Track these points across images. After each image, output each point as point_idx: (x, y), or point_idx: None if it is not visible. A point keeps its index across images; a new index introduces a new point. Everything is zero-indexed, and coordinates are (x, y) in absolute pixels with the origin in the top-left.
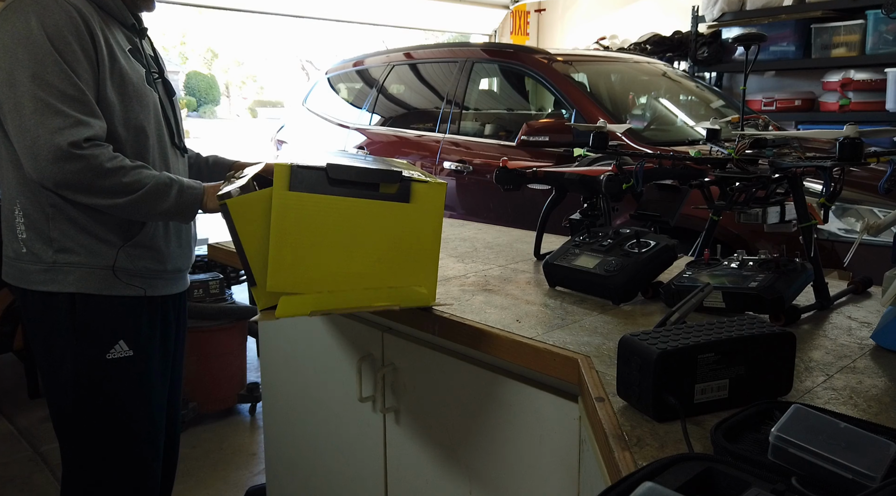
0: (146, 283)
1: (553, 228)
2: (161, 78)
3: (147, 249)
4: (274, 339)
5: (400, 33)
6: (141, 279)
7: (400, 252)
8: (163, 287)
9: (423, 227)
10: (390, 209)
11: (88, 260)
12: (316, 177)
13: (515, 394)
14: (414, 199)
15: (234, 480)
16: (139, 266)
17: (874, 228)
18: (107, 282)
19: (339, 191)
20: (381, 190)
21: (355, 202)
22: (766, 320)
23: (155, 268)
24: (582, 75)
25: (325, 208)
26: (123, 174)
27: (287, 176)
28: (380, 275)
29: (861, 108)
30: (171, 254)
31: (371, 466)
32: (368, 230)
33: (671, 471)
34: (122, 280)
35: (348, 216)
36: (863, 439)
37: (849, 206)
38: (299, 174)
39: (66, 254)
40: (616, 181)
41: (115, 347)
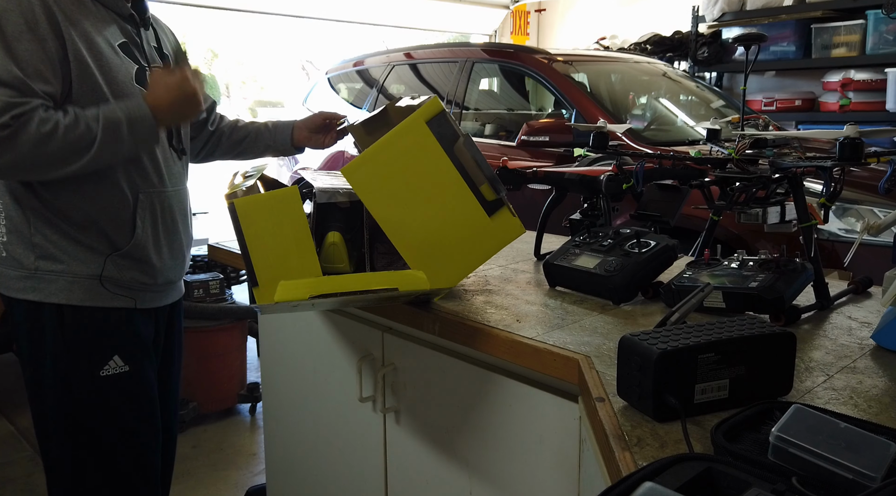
0: (135, 295)
1: (553, 228)
2: None
3: (136, 261)
4: (274, 339)
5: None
6: (129, 291)
7: (445, 244)
8: (153, 299)
9: (480, 244)
10: (472, 208)
11: (73, 268)
12: (451, 133)
13: (515, 394)
14: (494, 219)
15: (235, 480)
16: (127, 277)
17: (874, 228)
18: (94, 293)
19: (454, 158)
20: (482, 189)
21: (457, 178)
22: (766, 320)
23: (144, 280)
24: (582, 75)
25: (432, 158)
26: (65, 132)
27: (434, 112)
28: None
29: (861, 108)
30: (162, 267)
31: (371, 466)
32: (443, 207)
33: (671, 471)
34: (109, 290)
35: (441, 183)
36: (863, 439)
37: (849, 206)
38: (443, 119)
39: (50, 261)
40: (616, 181)
41: (110, 363)
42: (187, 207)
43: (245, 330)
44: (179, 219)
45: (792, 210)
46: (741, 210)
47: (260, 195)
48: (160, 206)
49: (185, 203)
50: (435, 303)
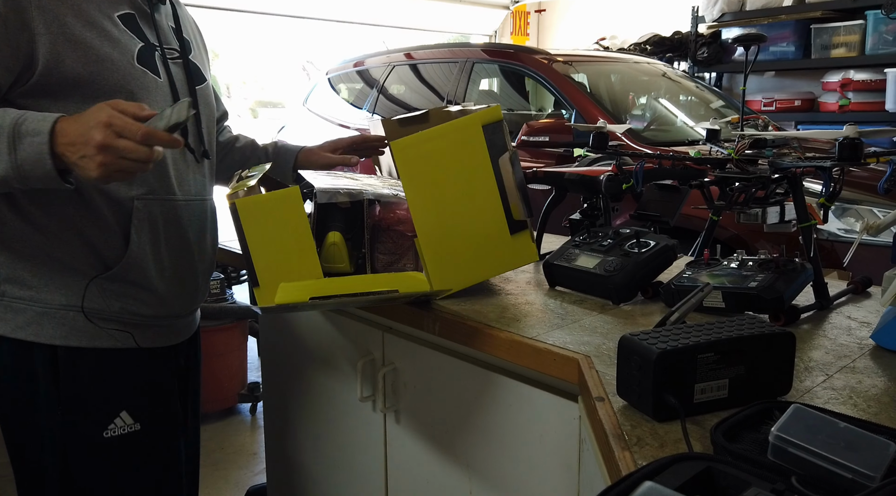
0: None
1: (553, 228)
2: (182, 58)
3: (129, 285)
4: (274, 339)
5: (400, 34)
6: (121, 325)
7: (463, 248)
8: (155, 337)
9: (496, 259)
10: (498, 222)
11: (44, 295)
12: (500, 144)
13: (515, 393)
14: (515, 239)
15: (235, 480)
16: (115, 307)
17: (874, 228)
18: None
19: (496, 168)
20: (512, 205)
21: (492, 187)
22: (765, 320)
23: (140, 311)
24: (582, 75)
25: (477, 161)
26: None
27: (492, 119)
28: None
29: (861, 108)
30: (165, 296)
31: (371, 466)
32: (472, 211)
33: (671, 470)
34: (98, 325)
35: (477, 189)
36: (862, 439)
37: (848, 206)
38: (497, 129)
39: (16, 285)
40: (616, 181)
41: (116, 421)
42: (206, 224)
43: (245, 330)
44: (193, 236)
45: (791, 210)
46: (741, 210)
47: (261, 195)
48: (164, 218)
49: (204, 218)
50: (435, 303)
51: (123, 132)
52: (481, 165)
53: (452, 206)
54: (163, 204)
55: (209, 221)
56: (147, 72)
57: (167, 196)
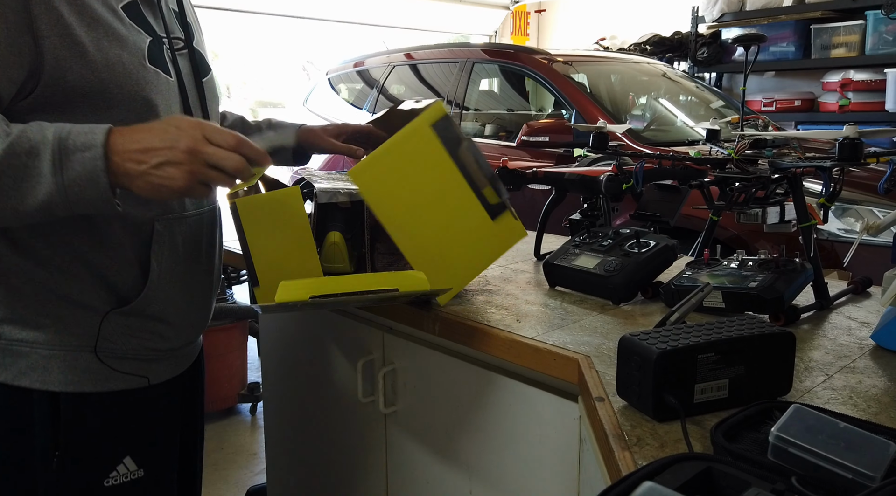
0: (148, 369)
1: (553, 228)
2: (188, 47)
3: (148, 320)
4: (274, 339)
5: (400, 34)
6: (139, 364)
7: (449, 247)
8: (169, 369)
9: (485, 247)
10: (476, 211)
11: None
12: (455, 137)
13: (515, 393)
14: (497, 223)
15: (235, 480)
16: (133, 344)
17: (874, 228)
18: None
19: (458, 161)
20: (484, 192)
21: (461, 181)
22: (765, 320)
23: (158, 346)
24: (582, 76)
25: (437, 162)
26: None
27: (438, 117)
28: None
29: (861, 108)
30: (183, 324)
31: (372, 466)
32: (447, 210)
33: (671, 470)
34: (110, 367)
35: (445, 185)
36: (862, 439)
37: (849, 206)
38: (447, 123)
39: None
40: (616, 181)
41: (119, 468)
42: (216, 234)
43: (245, 330)
44: (206, 251)
45: (791, 210)
46: (741, 210)
47: (262, 195)
48: (182, 238)
49: (215, 228)
50: (435, 303)
51: (214, 137)
52: (442, 164)
53: (427, 214)
54: (181, 223)
55: (218, 230)
56: (160, 72)
57: (182, 212)
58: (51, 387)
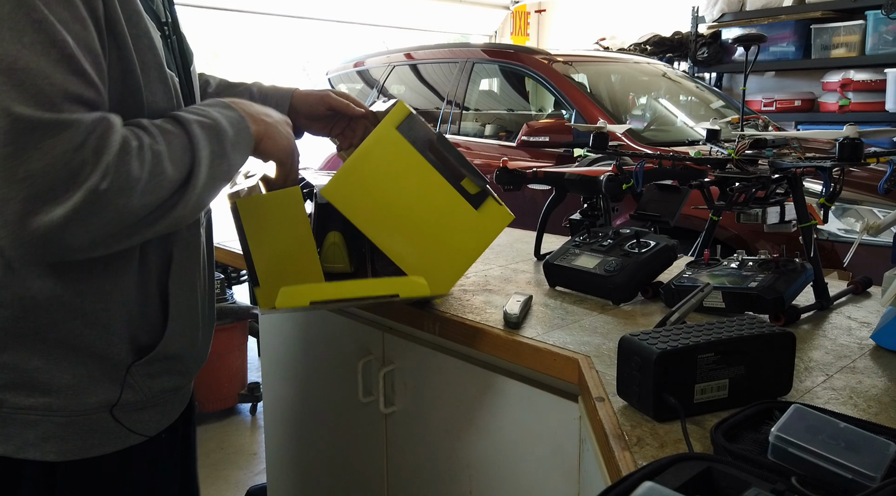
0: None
1: (553, 228)
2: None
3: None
4: (274, 339)
5: (400, 34)
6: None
7: (440, 243)
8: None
9: (473, 238)
10: (459, 204)
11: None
12: (423, 135)
13: (515, 393)
14: (482, 211)
15: (235, 480)
16: (155, 388)
17: (874, 228)
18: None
19: (432, 159)
20: (463, 183)
21: (437, 177)
22: (766, 320)
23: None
24: (582, 76)
25: (410, 163)
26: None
27: (402, 117)
28: (409, 249)
29: (861, 108)
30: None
31: (372, 466)
32: (429, 207)
33: (671, 470)
34: (124, 425)
35: (422, 184)
36: (863, 439)
37: (849, 206)
38: (413, 122)
39: (24, 392)
40: (616, 181)
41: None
42: (211, 239)
43: (245, 330)
44: (207, 261)
45: (791, 210)
46: (741, 210)
47: (262, 195)
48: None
49: (210, 233)
50: (434, 303)
51: None
52: (415, 165)
53: (409, 216)
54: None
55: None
56: (174, 75)
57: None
58: (49, 457)
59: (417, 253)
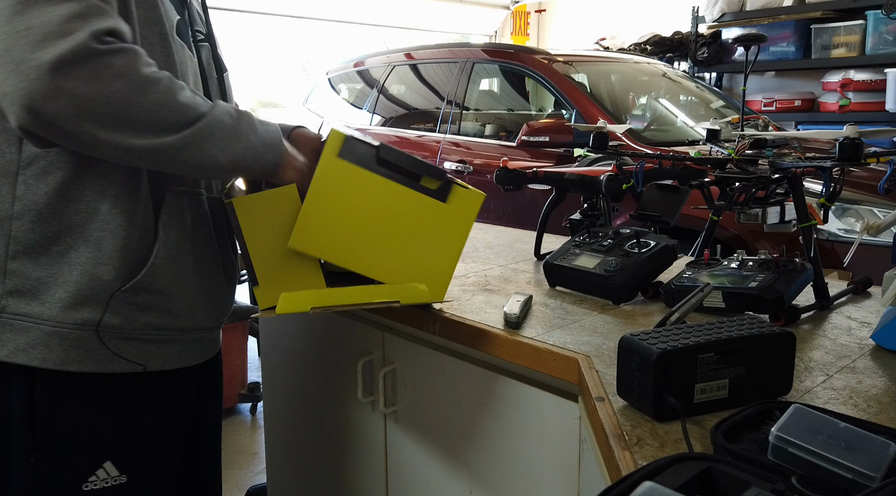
0: (146, 353)
1: (553, 228)
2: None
3: (152, 295)
4: (274, 339)
5: (400, 34)
6: (140, 345)
7: (421, 247)
8: (172, 358)
9: (451, 230)
10: (425, 203)
11: (58, 312)
12: (366, 152)
13: (515, 393)
14: (450, 201)
15: (235, 480)
16: (140, 322)
17: (874, 228)
18: (84, 352)
19: (384, 172)
20: (423, 183)
21: (395, 187)
22: (766, 320)
23: (161, 324)
24: (582, 76)
25: (364, 184)
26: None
27: (340, 143)
28: (394, 265)
29: (861, 108)
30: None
31: (371, 466)
32: (398, 218)
33: (671, 470)
34: (109, 348)
35: (384, 199)
36: (863, 439)
37: (849, 206)
38: (352, 145)
39: (24, 299)
40: (616, 181)
41: (98, 472)
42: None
43: (245, 329)
44: (218, 239)
45: (791, 210)
46: (741, 210)
47: (258, 194)
48: (192, 216)
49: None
50: (435, 301)
51: None
52: (369, 182)
53: (384, 236)
54: (193, 199)
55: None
56: (185, 46)
57: (196, 189)
58: (35, 362)
59: (404, 266)
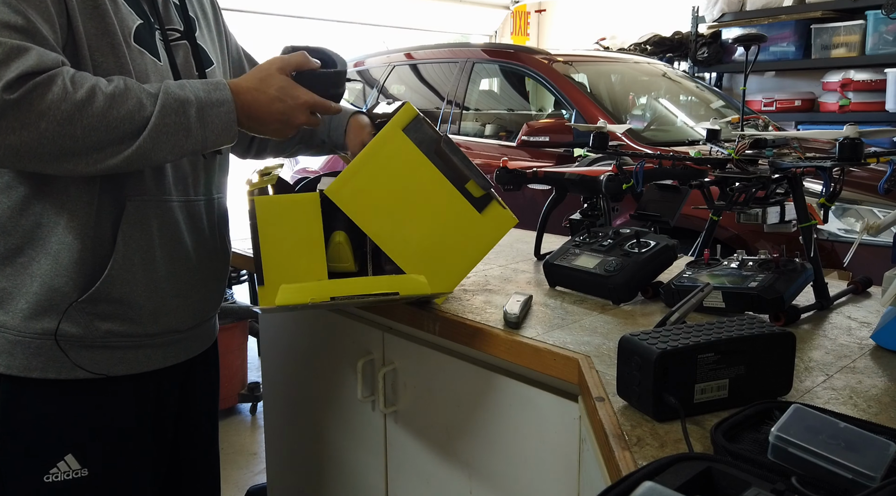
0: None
1: (553, 228)
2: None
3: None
4: (274, 339)
5: (400, 34)
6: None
7: (442, 246)
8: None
9: (476, 241)
10: (463, 207)
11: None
12: (429, 137)
13: (515, 393)
14: (485, 214)
15: (235, 480)
16: (102, 330)
17: (874, 228)
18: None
19: (437, 162)
20: (468, 186)
21: (442, 180)
22: (765, 320)
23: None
24: (582, 75)
25: (416, 165)
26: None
27: (409, 119)
28: (413, 250)
29: (861, 108)
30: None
31: (371, 466)
32: (433, 210)
33: (671, 470)
34: (69, 356)
35: (427, 187)
36: (862, 439)
37: (849, 206)
38: (419, 124)
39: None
40: (616, 181)
41: (59, 465)
42: (212, 226)
43: (245, 330)
44: (193, 241)
45: (791, 210)
46: (741, 210)
47: (281, 196)
48: (159, 222)
49: (210, 219)
50: (434, 303)
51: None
52: (420, 167)
53: (413, 218)
54: (158, 206)
55: (216, 223)
56: (144, 52)
57: (162, 196)
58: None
59: (420, 255)
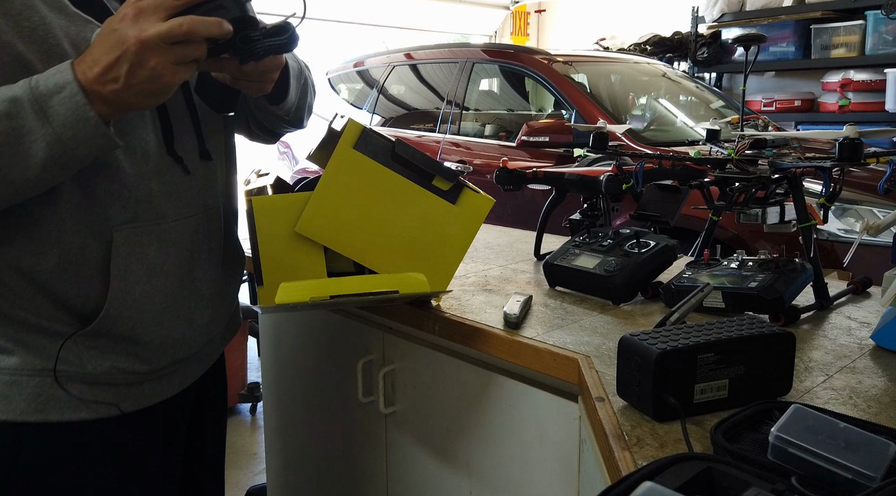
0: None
1: (553, 228)
2: None
3: (116, 340)
4: (274, 339)
5: (400, 34)
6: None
7: (426, 246)
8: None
9: (458, 232)
10: (435, 203)
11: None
12: (382, 146)
13: (515, 393)
14: (460, 204)
15: (235, 480)
16: (104, 367)
17: (874, 228)
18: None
19: (397, 168)
20: (435, 182)
21: (407, 184)
22: (765, 320)
23: (132, 368)
24: (582, 76)
25: (377, 178)
26: None
27: (357, 135)
28: (398, 260)
29: (861, 108)
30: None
31: (371, 466)
32: (407, 214)
33: (671, 470)
34: (71, 394)
35: (395, 194)
36: (862, 439)
37: (849, 206)
38: (368, 137)
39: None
40: (616, 181)
41: None
42: (220, 240)
43: (245, 330)
44: (197, 260)
45: (791, 210)
46: (741, 210)
47: (280, 196)
48: (157, 248)
49: (213, 232)
50: (434, 304)
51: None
52: (382, 177)
53: (389, 230)
54: (152, 230)
55: (223, 232)
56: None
57: (155, 222)
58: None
59: (405, 262)
